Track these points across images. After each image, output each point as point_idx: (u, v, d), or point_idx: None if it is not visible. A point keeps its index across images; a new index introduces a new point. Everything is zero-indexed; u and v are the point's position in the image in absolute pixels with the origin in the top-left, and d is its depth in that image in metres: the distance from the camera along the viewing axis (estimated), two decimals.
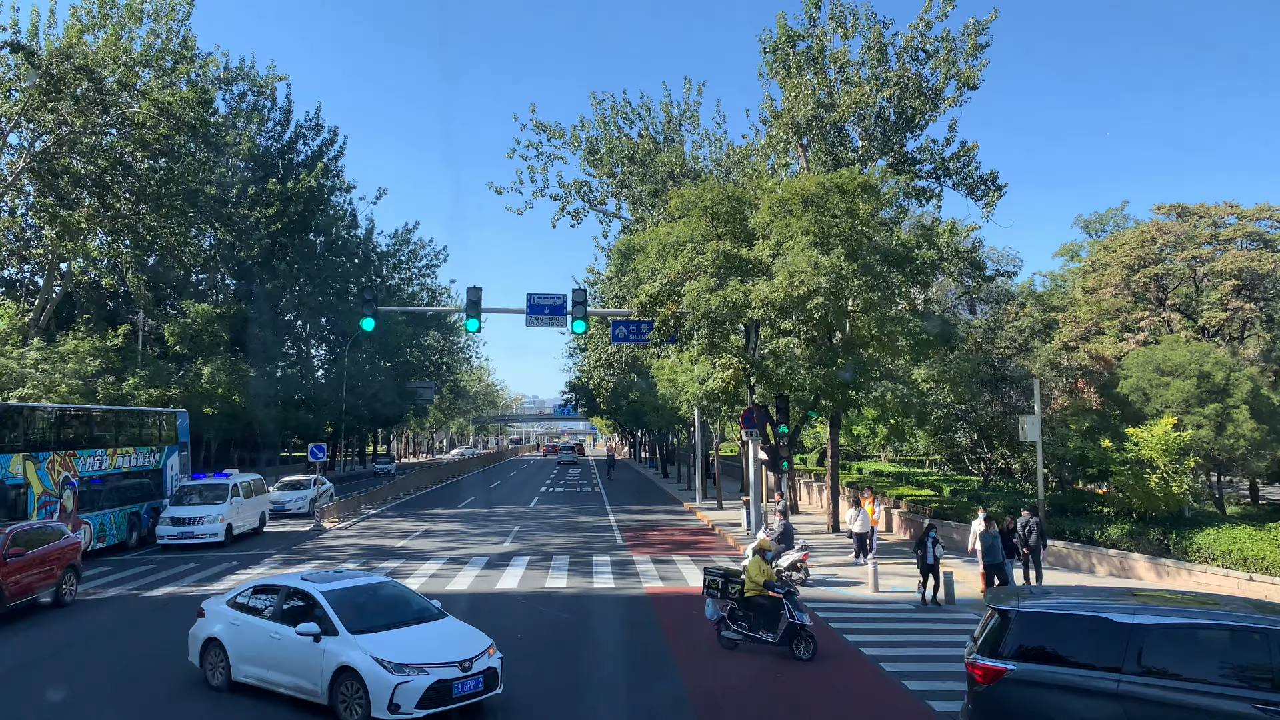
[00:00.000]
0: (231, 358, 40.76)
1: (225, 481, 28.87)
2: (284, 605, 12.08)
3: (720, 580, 15.09)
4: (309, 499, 37.24)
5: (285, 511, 36.28)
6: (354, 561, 24.65)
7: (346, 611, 11.58)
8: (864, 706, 12.21)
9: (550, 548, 27.24)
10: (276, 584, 12.67)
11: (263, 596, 12.54)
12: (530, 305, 29.30)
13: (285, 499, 36.74)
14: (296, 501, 36.93)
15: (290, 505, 36.61)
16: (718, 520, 33.75)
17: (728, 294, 23.33)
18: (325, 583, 12.34)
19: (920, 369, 22.90)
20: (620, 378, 51.08)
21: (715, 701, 12.25)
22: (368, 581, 12.83)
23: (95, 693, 12.84)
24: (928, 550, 18.36)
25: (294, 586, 12.29)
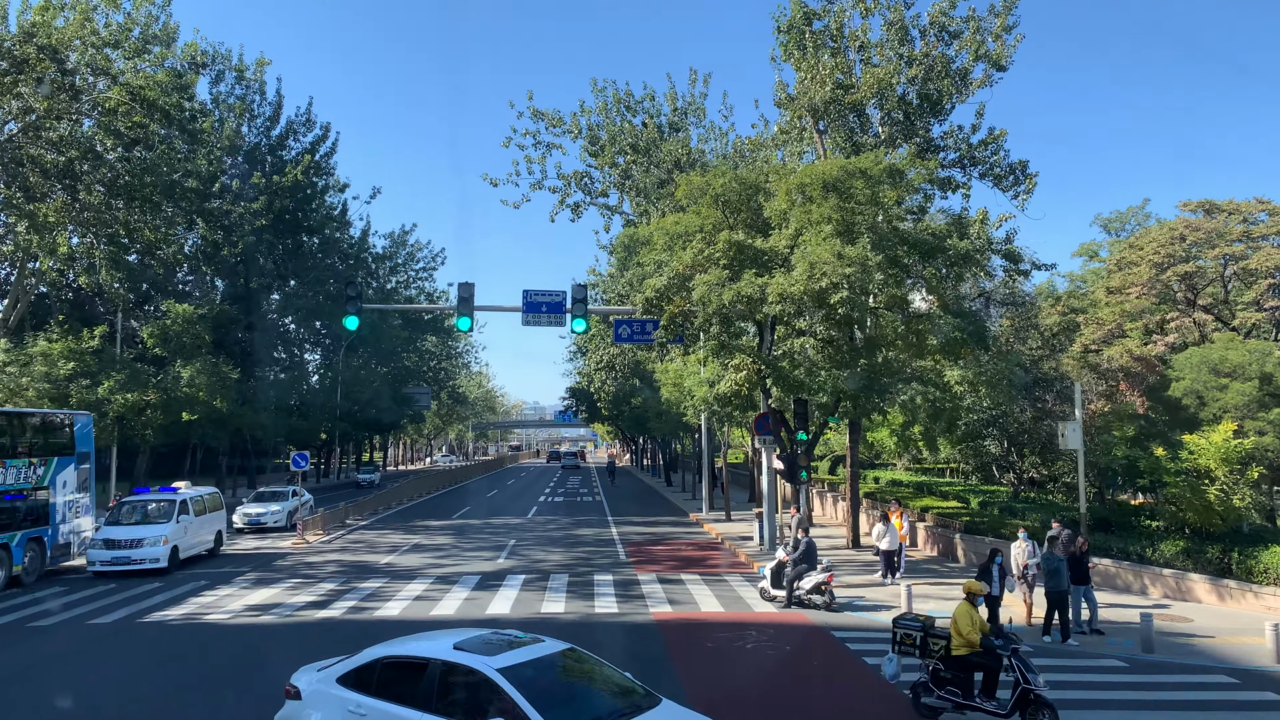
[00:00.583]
0: (213, 360, 38.66)
1: (171, 497, 25.12)
2: (435, 688, 8.32)
3: (918, 634, 12.23)
4: (286, 512, 34.46)
5: (260, 526, 33.67)
6: (333, 581, 22.55)
7: (542, 700, 7.81)
8: None
9: (548, 565, 25.14)
10: (419, 655, 8.74)
11: (396, 671, 8.73)
12: (526, 303, 27.24)
13: (260, 513, 33.91)
14: (273, 515, 34.00)
15: (265, 519, 33.79)
16: (727, 533, 31.63)
17: (742, 287, 21.28)
18: (496, 653, 8.52)
19: (954, 370, 20.89)
20: (622, 382, 49.02)
21: None
22: (549, 651, 9.04)
23: None
24: (994, 581, 15.91)
25: (453, 661, 8.41)
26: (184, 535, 24.78)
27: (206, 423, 48.37)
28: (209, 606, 19.36)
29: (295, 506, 34.88)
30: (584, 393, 73.74)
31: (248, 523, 33.74)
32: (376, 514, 41.39)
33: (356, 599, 20.08)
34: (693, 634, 16.58)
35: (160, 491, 26.16)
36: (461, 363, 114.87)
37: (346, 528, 35.27)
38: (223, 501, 28.35)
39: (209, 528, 26.77)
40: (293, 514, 34.35)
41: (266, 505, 34.51)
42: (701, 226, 22.91)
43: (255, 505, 34.62)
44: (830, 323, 22.88)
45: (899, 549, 21.54)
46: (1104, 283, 44.83)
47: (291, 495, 35.63)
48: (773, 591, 19.56)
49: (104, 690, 13.22)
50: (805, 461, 22.43)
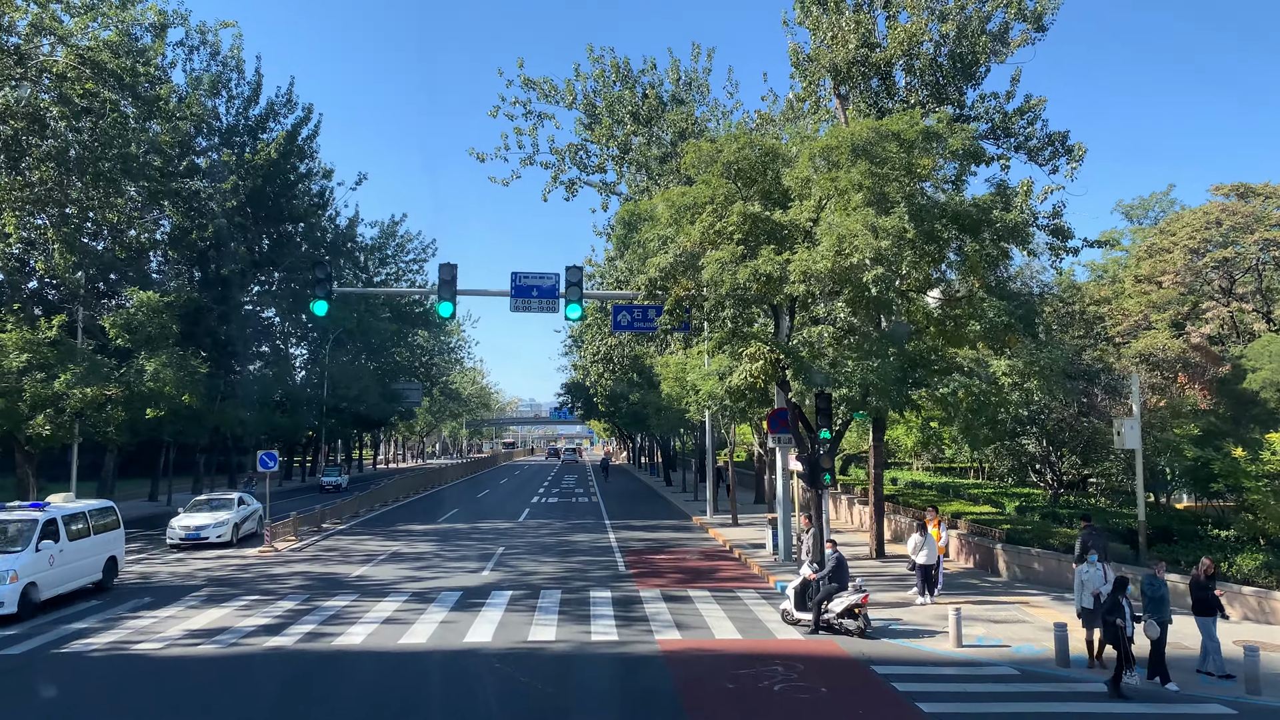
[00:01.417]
0: (181, 352, 35.89)
1: (28, 517, 18.89)
2: None
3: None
4: (232, 523, 29.28)
5: (200, 541, 28.39)
6: (295, 598, 19.87)
7: None
8: None
9: (538, 578, 22.48)
10: None
11: None
12: (515, 286, 24.56)
13: (199, 525, 28.59)
14: (215, 528, 28.67)
15: (206, 533, 28.45)
16: (735, 540, 29.01)
17: (760, 265, 18.61)
18: None
19: (1001, 360, 18.35)
20: (620, 376, 46.34)
21: None
22: None
23: None
24: (1124, 611, 12.83)
25: None
26: (45, 568, 18.57)
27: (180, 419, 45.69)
28: (143, 633, 16.68)
29: (244, 516, 30.38)
30: (580, 388, 71.12)
31: (185, 537, 28.42)
32: (358, 517, 38.72)
33: (316, 621, 17.42)
34: (708, 670, 13.93)
35: (26, 508, 19.57)
36: (454, 358, 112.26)
37: (321, 533, 32.59)
38: (119, 518, 22.22)
39: (95, 554, 20.71)
40: (240, 525, 29.78)
41: (207, 516, 29.19)
42: (712, 198, 20.23)
43: (193, 515, 29.31)
44: (857, 306, 20.22)
45: (938, 563, 18.92)
46: (1130, 271, 42.30)
47: (238, 503, 30.63)
48: (796, 614, 16.94)
49: None
50: (829, 463, 19.84)
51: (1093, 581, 14.05)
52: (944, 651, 15.15)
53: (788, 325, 21.16)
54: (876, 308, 20.73)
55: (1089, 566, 14.44)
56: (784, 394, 21.48)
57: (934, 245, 19.59)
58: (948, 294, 21.37)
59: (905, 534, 27.26)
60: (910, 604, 18.69)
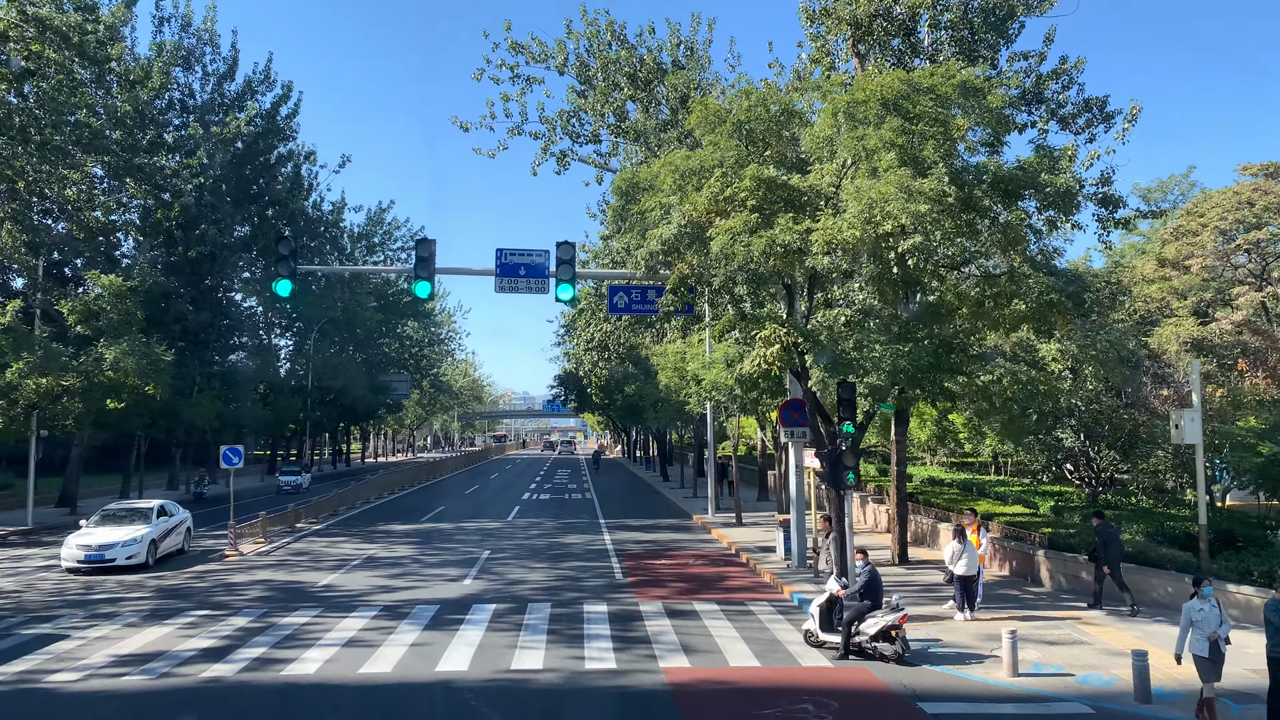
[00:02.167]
0: (144, 340, 33.48)
1: None
2: None
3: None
4: (147, 541, 22.97)
5: (104, 565, 22.17)
6: (249, 613, 17.54)
7: None
8: None
9: (526, 588, 20.19)
10: None
11: None
12: (501, 265, 22.22)
13: (105, 543, 22.31)
14: (125, 547, 22.42)
15: (113, 554, 22.25)
16: (741, 542, 26.75)
17: (778, 235, 16.31)
18: None
19: (1050, 344, 16.16)
20: (616, 366, 43.99)
21: None
22: None
23: None
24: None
25: None
26: None
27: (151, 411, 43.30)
28: (63, 659, 14.32)
29: (165, 530, 24.26)
30: (573, 379, 68.81)
31: (85, 559, 22.15)
32: (336, 515, 36.38)
33: (269, 644, 15.11)
34: (725, 711, 11.65)
35: None
36: (445, 350, 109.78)
37: (294, 534, 30.24)
38: None
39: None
40: (159, 542, 23.72)
41: (114, 531, 22.95)
42: (721, 161, 17.91)
43: (97, 531, 23.00)
44: (883, 284, 17.94)
45: (978, 574, 16.67)
46: (1153, 254, 40.09)
47: (158, 514, 24.30)
48: (822, 636, 14.68)
49: None
50: (852, 460, 17.58)
51: (1207, 623, 11.02)
52: (999, 682, 12.90)
53: (805, 307, 18.86)
54: (905, 286, 18.48)
55: (1201, 603, 11.25)
56: (801, 383, 19.18)
57: (972, 214, 17.33)
58: (983, 271, 19.09)
59: (926, 536, 25.05)
60: (948, 620, 16.45)
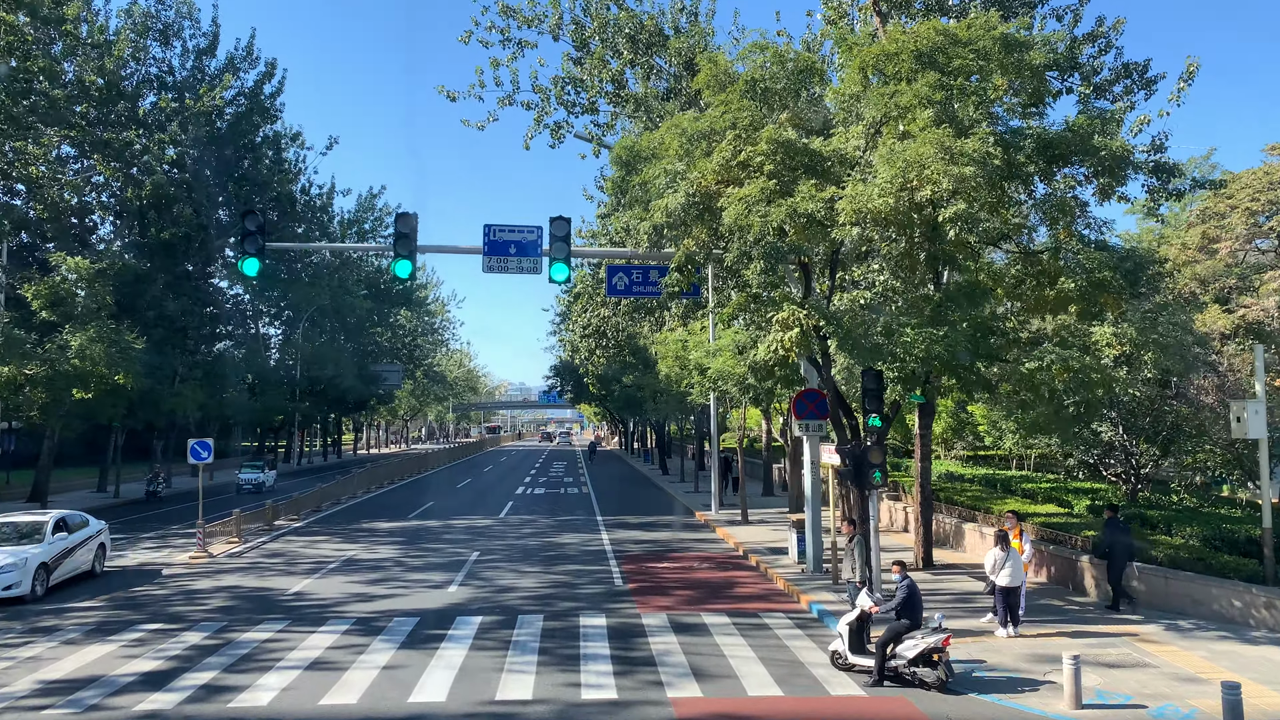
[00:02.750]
0: (113, 326, 31.55)
1: None
2: None
3: None
4: (34, 565, 17.91)
5: None
6: (205, 628, 15.70)
7: None
8: None
9: (516, 595, 18.36)
10: None
11: None
12: (489, 242, 20.34)
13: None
14: (3, 575, 17.43)
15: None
16: (749, 543, 24.96)
17: (799, 203, 14.48)
18: None
19: (1104, 327, 14.40)
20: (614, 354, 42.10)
21: None
22: None
23: None
24: None
25: None
26: None
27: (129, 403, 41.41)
28: None
29: (62, 551, 19.13)
30: (569, 369, 67.02)
31: None
32: (319, 511, 34.54)
33: (221, 666, 13.27)
34: None
35: None
36: (438, 339, 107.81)
37: (272, 531, 28.40)
38: None
39: None
40: (53, 566, 18.71)
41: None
42: (734, 123, 16.06)
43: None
44: (913, 261, 16.14)
45: (1022, 585, 14.87)
46: (1178, 239, 38.27)
47: (53, 530, 19.05)
48: (851, 658, 12.88)
49: None
50: (879, 457, 15.77)
51: None
52: (1061, 716, 11.11)
53: (826, 287, 17.02)
54: (936, 264, 16.68)
55: None
56: (823, 370, 17.35)
57: (1015, 182, 15.52)
58: (1021, 248, 17.28)
59: (950, 538, 23.30)
60: (989, 637, 14.66)
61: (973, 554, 22.00)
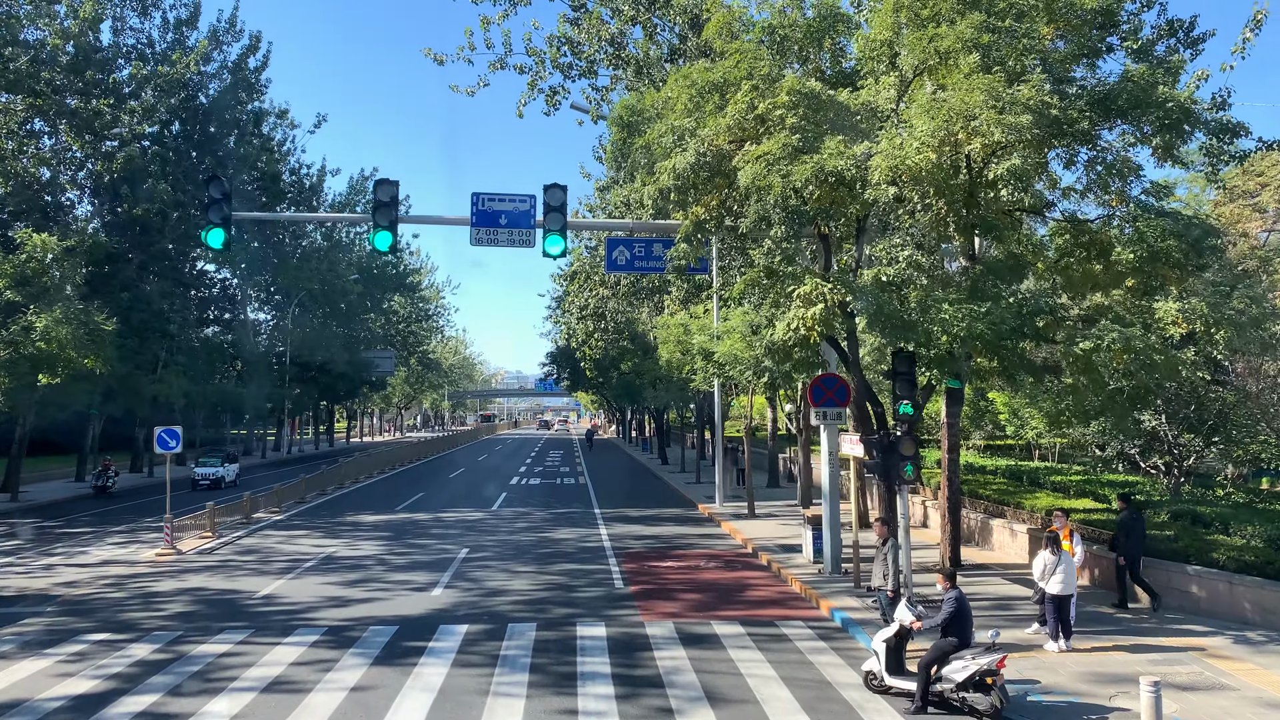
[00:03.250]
0: (81, 307, 29.76)
1: None
2: None
3: None
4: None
5: None
6: (158, 639, 14.02)
7: None
8: None
9: (507, 601, 16.69)
10: None
11: None
12: (478, 212, 18.57)
13: None
14: None
15: None
16: (758, 539, 23.31)
17: (826, 160, 12.75)
18: None
19: (1168, 303, 12.78)
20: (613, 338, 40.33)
21: None
22: None
23: None
24: None
25: None
26: None
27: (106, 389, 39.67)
28: None
29: None
30: (566, 356, 65.25)
31: None
32: (304, 503, 32.85)
33: (164, 689, 11.59)
34: None
35: None
36: (432, 326, 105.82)
37: (249, 525, 26.73)
38: None
39: None
40: None
41: None
42: (750, 72, 14.29)
43: None
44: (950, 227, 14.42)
45: (1074, 593, 13.21)
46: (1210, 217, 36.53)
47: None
48: (888, 680, 11.23)
49: None
50: (911, 449, 14.11)
51: None
52: None
53: (853, 258, 15.29)
54: (976, 232, 14.99)
55: None
56: (849, 351, 15.62)
57: (1067, 139, 13.82)
58: (1066, 215, 15.56)
59: (975, 535, 21.66)
60: (1038, 651, 13.00)
61: (1002, 552, 20.37)
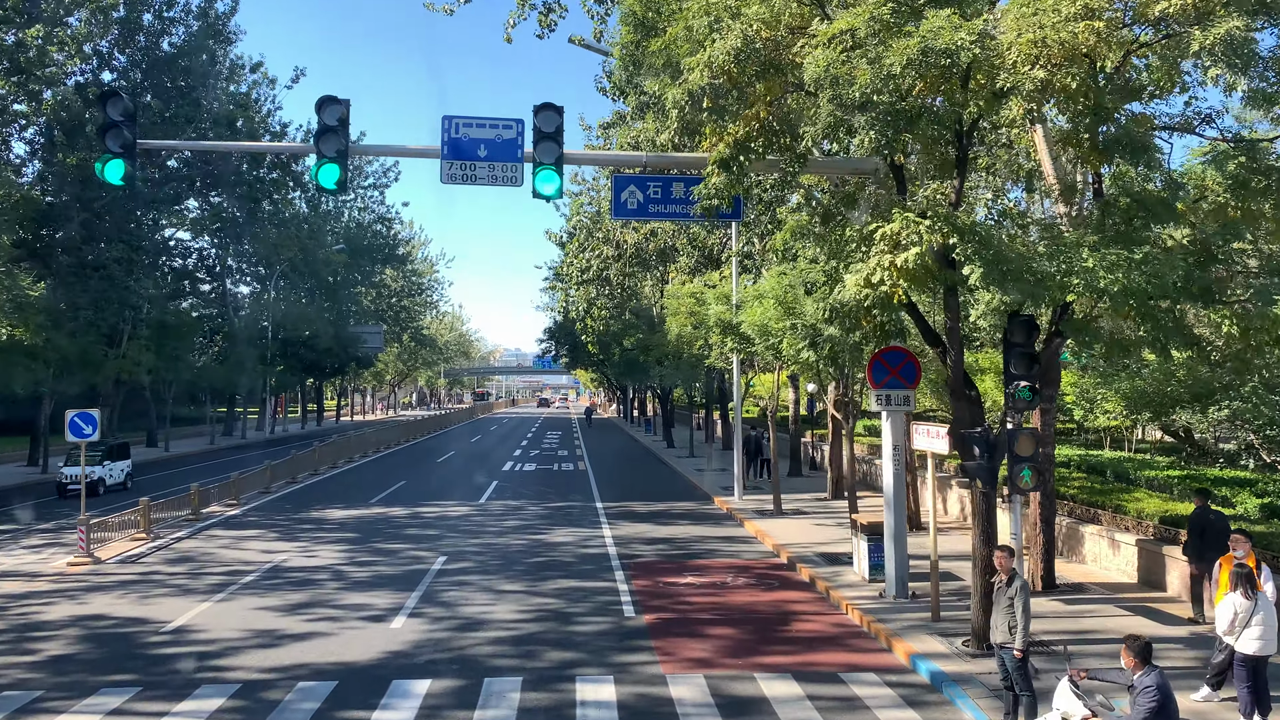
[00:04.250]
0: (4, 270, 25.89)
1: None
2: None
3: None
4: None
5: None
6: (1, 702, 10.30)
7: None
8: None
9: (484, 640, 12.93)
10: None
11: None
12: (451, 141, 14.64)
13: None
14: None
15: None
16: (791, 545, 19.58)
17: (935, 36, 8.88)
18: None
19: None
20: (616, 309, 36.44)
21: None
22: None
23: None
24: None
25: None
26: None
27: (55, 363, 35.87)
28: None
29: None
30: (565, 331, 61.48)
31: None
32: (268, 493, 29.14)
33: None
34: None
35: None
36: (426, 300, 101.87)
37: (196, 523, 23.01)
38: None
39: None
40: None
41: None
42: None
43: None
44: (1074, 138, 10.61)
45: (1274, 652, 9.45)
46: None
47: None
48: None
49: None
50: (1031, 447, 10.31)
51: None
52: None
53: (959, 183, 11.37)
54: (1115, 154, 11.20)
55: None
56: (948, 311, 11.64)
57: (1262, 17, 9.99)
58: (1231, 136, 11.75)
59: (1061, 543, 17.87)
60: None
61: (1098, 567, 16.65)
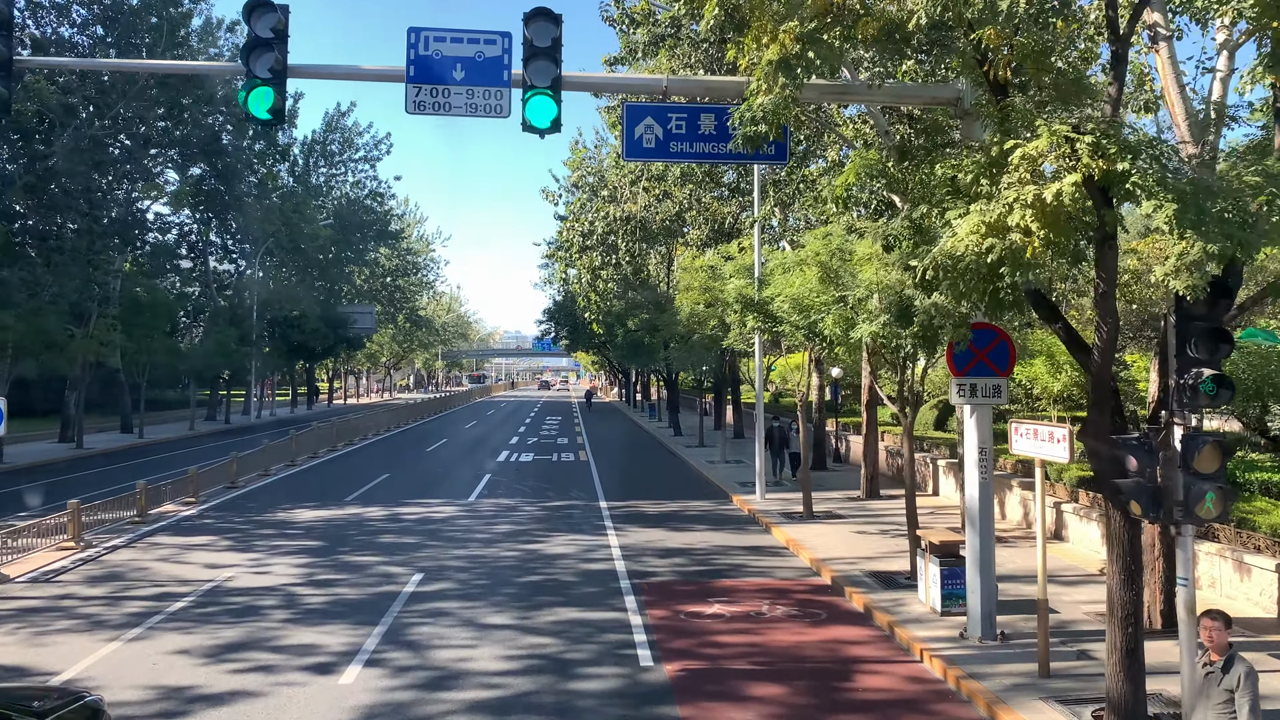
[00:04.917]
0: None
1: None
2: None
3: None
4: None
5: None
6: None
7: None
8: None
9: (458, 706, 9.88)
10: None
11: None
12: (419, 59, 11.52)
13: None
14: None
15: None
16: (830, 558, 16.55)
17: None
18: None
19: None
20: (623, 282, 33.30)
21: None
22: None
23: None
24: None
25: None
26: None
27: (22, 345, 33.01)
28: None
29: None
30: (565, 312, 58.38)
31: None
32: (234, 487, 26.12)
33: None
34: None
35: None
36: (422, 280, 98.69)
37: (140, 526, 19.99)
38: None
39: None
40: None
41: None
42: None
43: None
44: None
45: None
46: None
47: None
48: None
49: None
50: (1215, 461, 7.31)
51: None
52: None
53: (1115, 91, 8.22)
54: None
55: None
56: (1101, 272, 8.40)
57: None
58: None
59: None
60: None
61: (1216, 592, 13.61)
